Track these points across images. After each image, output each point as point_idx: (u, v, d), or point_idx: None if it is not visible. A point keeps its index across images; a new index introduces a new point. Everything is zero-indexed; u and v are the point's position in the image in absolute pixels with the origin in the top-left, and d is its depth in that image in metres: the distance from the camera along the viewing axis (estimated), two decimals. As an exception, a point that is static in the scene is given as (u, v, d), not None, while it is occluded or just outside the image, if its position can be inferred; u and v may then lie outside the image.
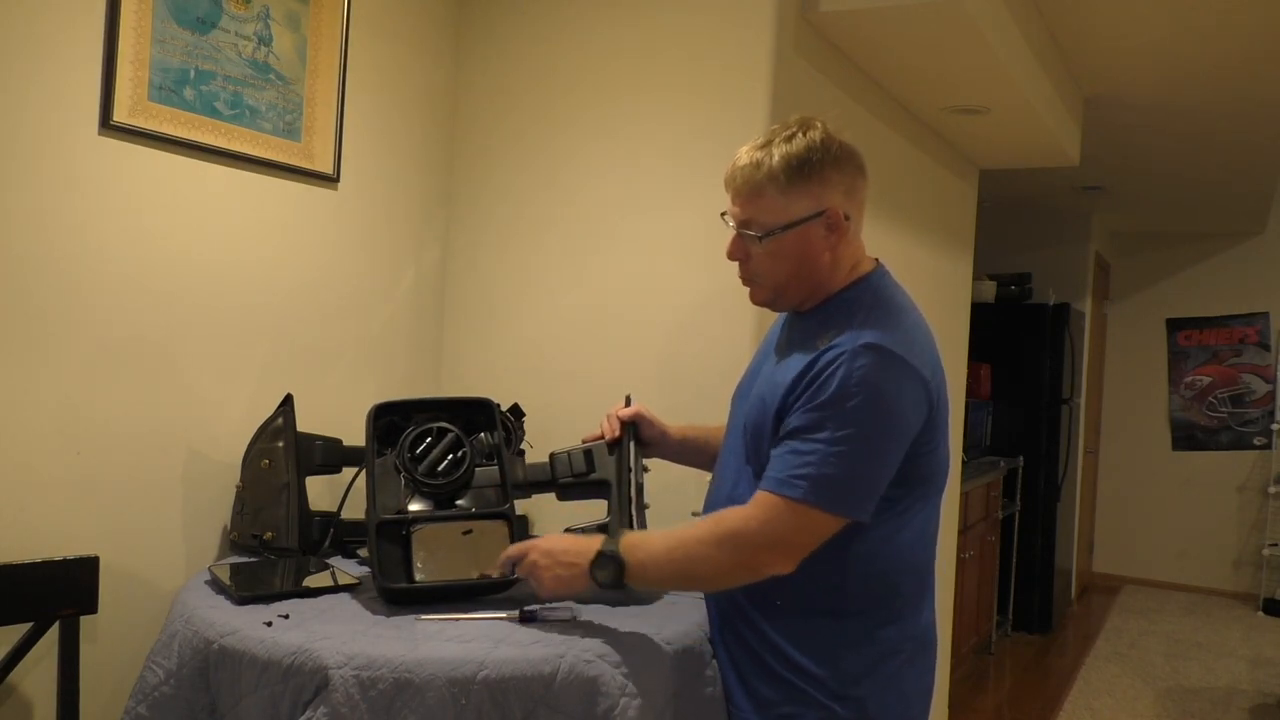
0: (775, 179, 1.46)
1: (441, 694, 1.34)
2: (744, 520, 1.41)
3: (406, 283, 2.42)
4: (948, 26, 2.29)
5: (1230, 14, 2.82)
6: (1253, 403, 6.59)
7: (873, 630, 1.47)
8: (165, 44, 1.83)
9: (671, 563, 1.45)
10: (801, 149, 1.46)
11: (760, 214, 1.48)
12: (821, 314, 1.52)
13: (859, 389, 1.37)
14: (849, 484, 1.38)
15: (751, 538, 1.39)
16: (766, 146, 1.47)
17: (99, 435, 1.79)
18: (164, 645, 1.59)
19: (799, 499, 1.37)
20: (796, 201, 1.46)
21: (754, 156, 1.47)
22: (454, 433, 1.73)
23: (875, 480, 1.41)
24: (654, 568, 1.46)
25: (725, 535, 1.41)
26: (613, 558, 1.45)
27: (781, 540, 1.39)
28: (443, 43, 2.48)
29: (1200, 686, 4.78)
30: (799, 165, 1.45)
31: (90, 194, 1.75)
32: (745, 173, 1.48)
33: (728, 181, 1.52)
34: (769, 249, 1.49)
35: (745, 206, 1.49)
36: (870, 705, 1.46)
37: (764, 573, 1.41)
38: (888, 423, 1.39)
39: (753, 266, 1.53)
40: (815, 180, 1.46)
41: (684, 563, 1.44)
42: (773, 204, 1.47)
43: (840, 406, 1.37)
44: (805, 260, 1.49)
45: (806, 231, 1.47)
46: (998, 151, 3.53)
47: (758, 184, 1.47)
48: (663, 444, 1.81)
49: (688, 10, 2.23)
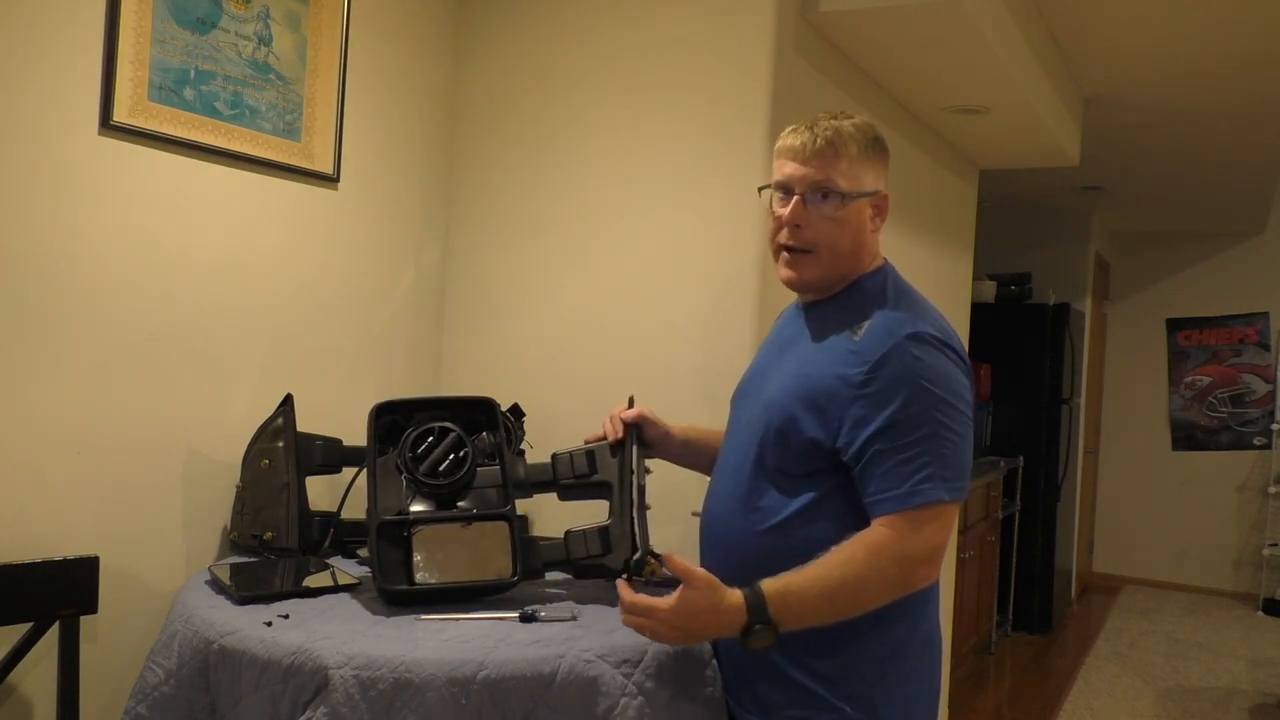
0: (858, 143, 1.49)
1: (441, 694, 1.34)
2: (896, 541, 1.37)
3: (406, 283, 2.42)
4: (948, 26, 2.29)
5: (1230, 14, 2.82)
6: (1253, 403, 6.59)
7: (882, 631, 1.46)
8: (165, 44, 1.83)
9: (832, 606, 1.37)
10: (870, 127, 1.51)
11: (839, 176, 1.48)
12: (842, 301, 1.52)
13: (926, 380, 1.40)
14: (957, 469, 1.41)
15: (910, 554, 1.38)
16: (835, 119, 1.50)
17: (99, 435, 1.79)
18: (164, 645, 1.59)
19: (937, 501, 1.38)
20: (865, 173, 1.50)
21: (830, 124, 1.49)
22: (456, 432, 1.72)
23: (970, 456, 1.44)
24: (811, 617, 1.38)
25: (890, 562, 1.37)
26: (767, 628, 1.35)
27: (934, 546, 1.40)
28: (443, 43, 2.48)
29: (1200, 686, 4.78)
30: (874, 139, 1.51)
31: (90, 194, 1.75)
32: (829, 134, 1.48)
33: (797, 148, 1.49)
34: (840, 215, 1.49)
35: (824, 168, 1.48)
36: (880, 706, 1.45)
37: (919, 587, 1.42)
38: (959, 400, 1.42)
39: (811, 234, 1.50)
40: (879, 159, 1.52)
41: (847, 603, 1.38)
42: (850, 169, 1.48)
43: (919, 404, 1.39)
44: (860, 235, 1.51)
45: (865, 208, 1.51)
46: (998, 151, 3.53)
47: (840, 146, 1.48)
48: (665, 445, 1.80)
49: (688, 10, 2.23)
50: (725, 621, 1.35)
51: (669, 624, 1.36)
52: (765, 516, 1.48)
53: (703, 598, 1.35)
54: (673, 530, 2.06)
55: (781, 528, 1.47)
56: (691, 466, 1.84)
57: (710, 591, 1.35)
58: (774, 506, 1.48)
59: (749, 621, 1.34)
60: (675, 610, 1.35)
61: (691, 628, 1.36)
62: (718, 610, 1.35)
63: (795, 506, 1.46)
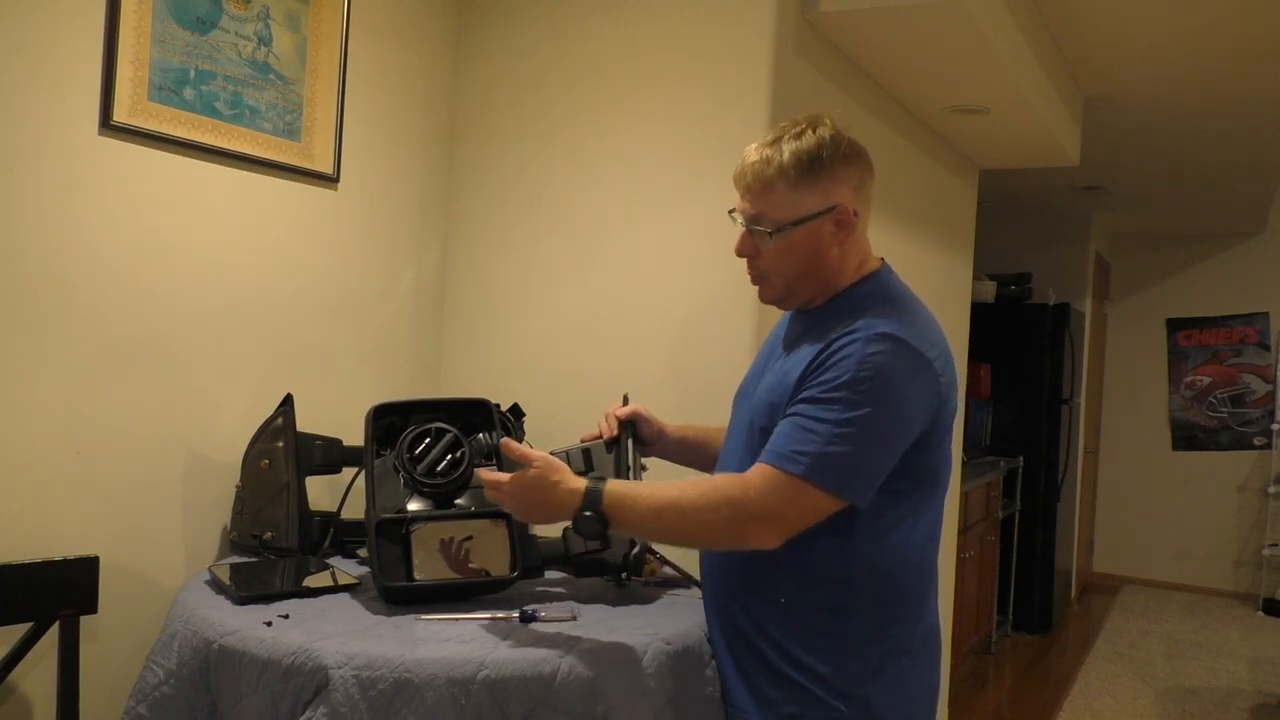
0: (786, 175, 1.46)
1: (441, 694, 1.34)
2: (741, 488, 1.40)
3: (406, 282, 2.42)
4: (948, 26, 2.29)
5: (1230, 14, 2.82)
6: (1253, 403, 6.59)
7: (878, 629, 1.46)
8: (165, 44, 1.83)
9: (659, 521, 1.43)
10: (812, 145, 1.47)
11: (771, 209, 1.48)
12: (831, 310, 1.51)
13: (871, 373, 1.37)
14: (851, 466, 1.38)
15: (748, 507, 1.38)
16: (776, 143, 1.48)
17: (99, 435, 1.79)
18: (164, 645, 1.58)
19: (799, 474, 1.37)
20: (806, 197, 1.47)
21: (764, 153, 1.48)
22: (452, 433, 1.73)
23: (877, 465, 1.40)
24: (640, 525, 1.44)
25: (722, 501, 1.40)
26: (597, 518, 1.43)
27: (775, 513, 1.38)
28: (443, 43, 2.48)
29: (1200, 687, 4.78)
30: (809, 161, 1.46)
31: (90, 194, 1.75)
32: (756, 169, 1.48)
33: (737, 178, 1.52)
34: (779, 245, 1.49)
35: (755, 202, 1.49)
36: (875, 704, 1.45)
37: (749, 543, 1.40)
38: (896, 410, 1.39)
39: (762, 263, 1.53)
40: (825, 177, 1.47)
41: (673, 524, 1.43)
42: (783, 200, 1.47)
43: (850, 388, 1.37)
44: (815, 256, 1.50)
45: (816, 228, 1.48)
46: (998, 151, 3.53)
47: (768, 179, 1.47)
48: (661, 443, 1.81)
49: (688, 11, 2.23)
50: (561, 500, 1.44)
51: (511, 495, 1.47)
52: None
53: (540, 475, 1.46)
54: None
55: None
56: (688, 465, 1.84)
57: (549, 471, 1.46)
58: None
59: (581, 506, 1.43)
60: (514, 481, 1.47)
61: (532, 500, 1.46)
62: (556, 489, 1.45)
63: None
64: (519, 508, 1.49)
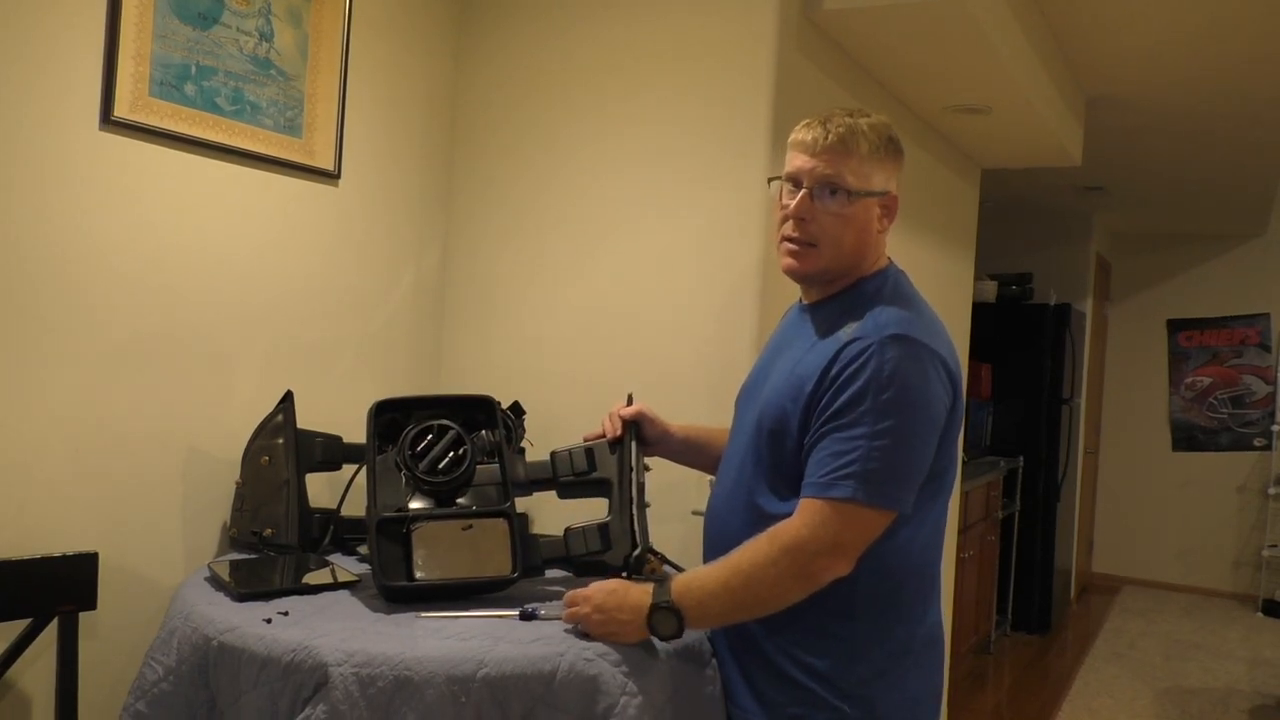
0: (870, 142, 1.48)
1: (441, 692, 1.34)
2: (796, 531, 1.39)
3: (407, 280, 2.41)
4: (950, 26, 2.28)
5: (1232, 15, 2.82)
6: (1253, 404, 6.59)
7: (882, 630, 1.46)
8: (166, 39, 1.83)
9: (731, 594, 1.41)
10: (886, 127, 1.51)
11: (848, 173, 1.48)
12: (841, 302, 1.52)
13: (891, 380, 1.38)
14: (892, 477, 1.39)
15: (807, 546, 1.38)
16: (853, 115, 1.49)
17: (98, 431, 1.79)
18: (163, 642, 1.58)
19: (847, 498, 1.37)
20: (877, 172, 1.49)
21: (845, 120, 1.48)
22: (455, 430, 1.72)
23: (916, 469, 1.41)
24: (714, 605, 1.42)
25: (781, 551, 1.39)
26: (669, 610, 1.42)
27: (835, 543, 1.38)
28: (444, 40, 2.47)
29: (1199, 687, 4.78)
30: (888, 140, 1.50)
31: (90, 190, 1.75)
32: (841, 131, 1.48)
33: (809, 142, 1.49)
34: (845, 211, 1.48)
35: (834, 163, 1.48)
36: (879, 705, 1.45)
37: (823, 579, 1.40)
38: (922, 412, 1.40)
39: (815, 229, 1.50)
40: (891, 160, 1.51)
41: (744, 591, 1.41)
42: (860, 167, 1.48)
43: (875, 400, 1.38)
44: (864, 233, 1.51)
45: (871, 207, 1.50)
46: (999, 151, 3.53)
47: (852, 144, 1.48)
48: (665, 443, 1.80)
49: (689, 10, 2.22)
50: (635, 602, 1.44)
51: (593, 604, 1.46)
52: (763, 516, 1.48)
53: (612, 585, 1.48)
54: (672, 528, 2.06)
55: None
56: (692, 465, 1.84)
57: (617, 582, 1.49)
58: (772, 506, 1.48)
59: (653, 604, 1.42)
60: (599, 590, 1.47)
61: (608, 606, 1.45)
62: (630, 592, 1.46)
63: (792, 506, 1.46)
64: (603, 632, 1.46)
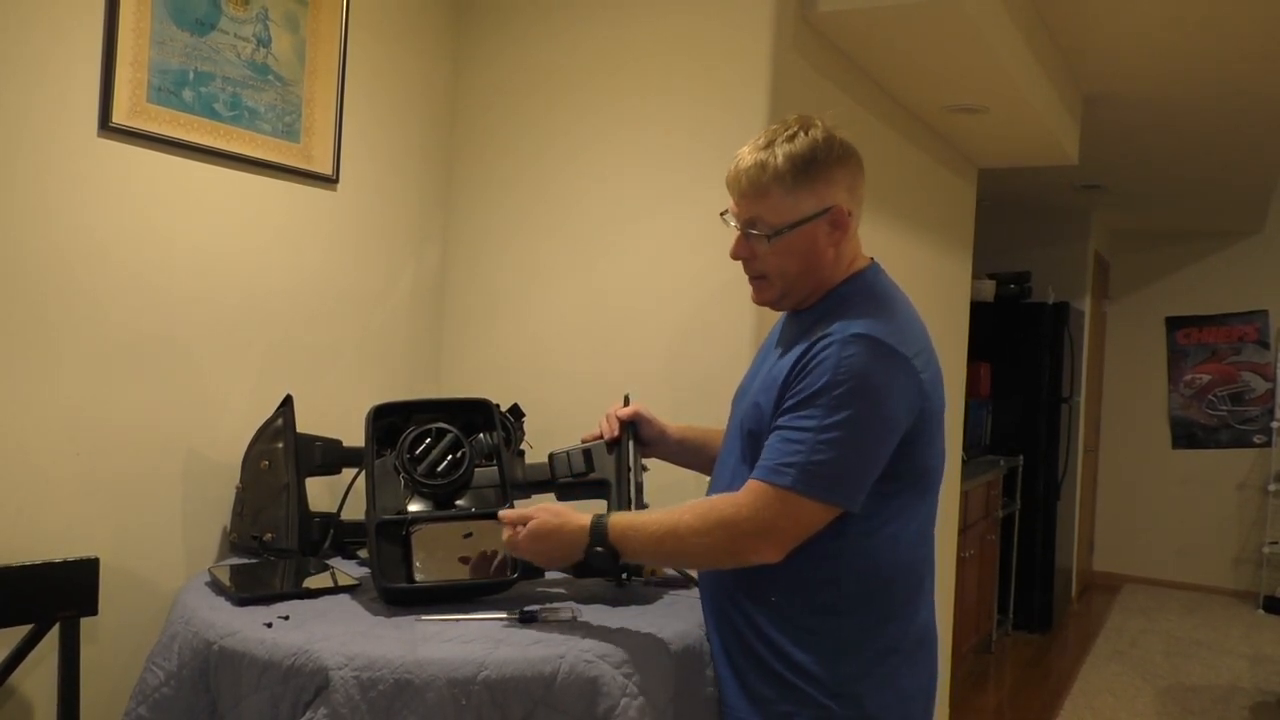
0: (781, 178, 1.47)
1: (442, 694, 1.35)
2: (734, 508, 1.42)
3: (406, 283, 2.42)
4: (946, 26, 2.29)
5: (1230, 13, 2.82)
6: (1252, 401, 6.60)
7: (870, 628, 1.47)
8: (164, 45, 1.83)
9: (663, 553, 1.50)
10: (805, 148, 1.47)
11: (767, 213, 1.49)
12: (819, 310, 1.52)
13: (848, 377, 1.38)
14: (838, 472, 1.39)
15: (741, 525, 1.40)
16: (769, 146, 1.48)
17: (99, 436, 1.79)
18: (164, 646, 1.59)
19: (787, 487, 1.38)
20: (803, 200, 1.48)
21: (757, 157, 1.48)
22: (453, 433, 1.73)
23: (864, 469, 1.41)
24: (645, 555, 1.51)
25: (715, 523, 1.42)
26: (607, 551, 1.48)
27: (770, 528, 1.39)
28: (442, 44, 2.48)
29: (1200, 685, 4.78)
30: (804, 164, 1.47)
31: (89, 195, 1.75)
32: (751, 173, 1.48)
33: (731, 182, 1.52)
34: (776, 248, 1.50)
35: (751, 206, 1.50)
36: (868, 703, 1.45)
37: (750, 560, 1.42)
38: (877, 410, 1.40)
39: (759, 265, 1.53)
40: (820, 179, 1.47)
41: (676, 554, 1.50)
42: (779, 203, 1.48)
43: (829, 394, 1.38)
44: (811, 257, 1.50)
45: (813, 229, 1.49)
46: (997, 150, 3.53)
47: (764, 184, 1.47)
48: (662, 444, 1.81)
49: (687, 11, 2.23)
50: (571, 539, 1.49)
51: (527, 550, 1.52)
52: None
53: (542, 523, 1.51)
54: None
55: None
56: (689, 465, 1.84)
57: (550, 516, 1.52)
58: None
59: (590, 542, 1.48)
60: (527, 536, 1.51)
61: (543, 549, 1.51)
62: (561, 531, 1.50)
63: None
64: (537, 558, 1.54)
